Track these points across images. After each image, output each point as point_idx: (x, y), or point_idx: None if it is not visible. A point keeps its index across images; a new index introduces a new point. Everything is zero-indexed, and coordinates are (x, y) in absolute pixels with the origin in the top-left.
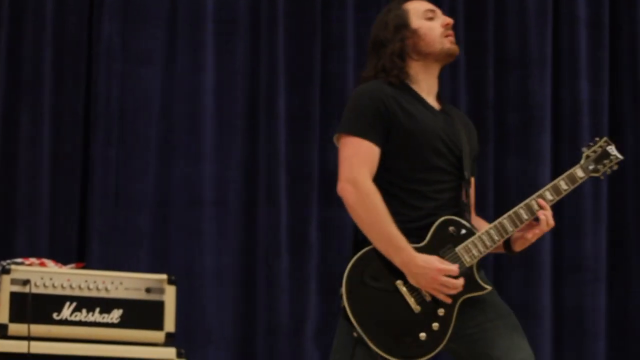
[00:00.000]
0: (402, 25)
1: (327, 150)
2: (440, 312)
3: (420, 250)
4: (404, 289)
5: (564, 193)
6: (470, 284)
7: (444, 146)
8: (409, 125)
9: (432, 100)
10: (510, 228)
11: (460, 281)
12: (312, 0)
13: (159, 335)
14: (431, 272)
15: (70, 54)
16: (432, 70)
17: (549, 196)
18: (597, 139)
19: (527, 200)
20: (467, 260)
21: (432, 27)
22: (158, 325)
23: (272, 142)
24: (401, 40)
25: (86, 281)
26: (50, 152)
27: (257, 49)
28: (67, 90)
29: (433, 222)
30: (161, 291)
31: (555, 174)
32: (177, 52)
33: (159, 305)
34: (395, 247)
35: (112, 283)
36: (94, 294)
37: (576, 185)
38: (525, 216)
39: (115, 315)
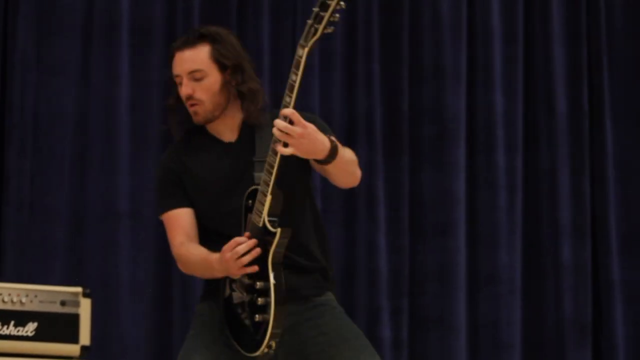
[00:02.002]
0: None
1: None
2: (259, 284)
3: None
4: (233, 288)
5: (298, 83)
6: (268, 238)
7: (226, 187)
8: (194, 182)
9: (229, 134)
10: (272, 159)
11: (242, 246)
12: (228, 11)
13: (74, 349)
14: (224, 262)
15: None
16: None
17: (287, 99)
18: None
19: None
20: (258, 220)
21: (180, 92)
22: (73, 338)
23: None
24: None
25: (0, 294)
26: None
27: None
28: None
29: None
30: (76, 304)
31: (470, 186)
32: (92, 63)
33: (74, 318)
34: (209, 267)
35: (27, 296)
36: (8, 307)
37: (304, 65)
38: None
39: (30, 328)
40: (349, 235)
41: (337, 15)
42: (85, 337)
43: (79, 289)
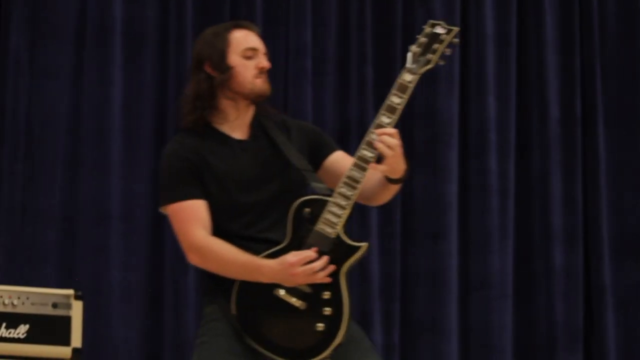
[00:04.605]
0: (220, 58)
1: None
2: (326, 295)
3: (284, 250)
4: (282, 293)
5: (400, 107)
6: (344, 251)
7: (247, 183)
8: (214, 176)
9: (240, 133)
10: (358, 175)
11: (320, 261)
12: (221, 15)
13: (65, 351)
14: (288, 269)
15: None
16: (242, 106)
17: (385, 120)
18: (423, 27)
19: (366, 136)
20: (330, 231)
21: (247, 65)
22: (65, 340)
23: None
24: (209, 78)
25: None
26: None
27: (165, 64)
28: None
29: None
30: (68, 306)
31: (462, 190)
32: (85, 67)
33: (66, 321)
34: (255, 270)
35: (19, 298)
36: (0, 309)
37: (410, 91)
38: (369, 154)
39: (22, 330)
40: None
41: (450, 50)
42: (76, 340)
43: (70, 292)
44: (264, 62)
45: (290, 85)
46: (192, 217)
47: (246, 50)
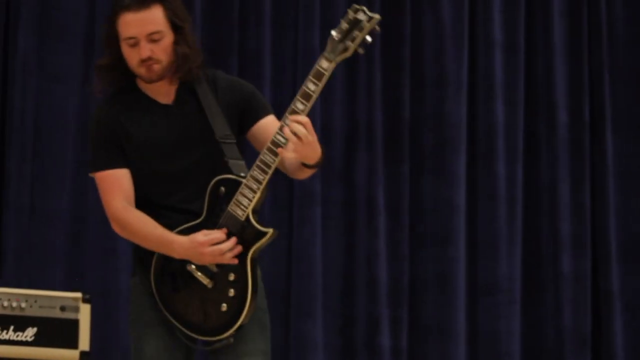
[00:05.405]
0: (113, 44)
1: None
2: (232, 276)
3: (201, 225)
4: (192, 268)
5: (316, 94)
6: (253, 234)
7: (166, 150)
8: (132, 144)
9: (165, 97)
10: (270, 160)
11: (228, 243)
12: (230, 18)
13: (73, 354)
14: (197, 248)
15: None
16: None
17: (300, 106)
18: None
19: (281, 121)
20: (240, 213)
21: (130, 55)
22: (73, 343)
23: None
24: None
25: (0, 299)
26: None
27: None
28: None
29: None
30: (76, 309)
31: (470, 195)
32: (93, 68)
33: (74, 324)
34: (167, 245)
35: (27, 301)
36: (8, 311)
37: (326, 79)
38: (282, 139)
39: (30, 333)
40: (349, 243)
41: (370, 39)
42: (84, 343)
43: (78, 295)
44: (143, 52)
45: (298, 88)
46: (113, 187)
47: (127, 40)
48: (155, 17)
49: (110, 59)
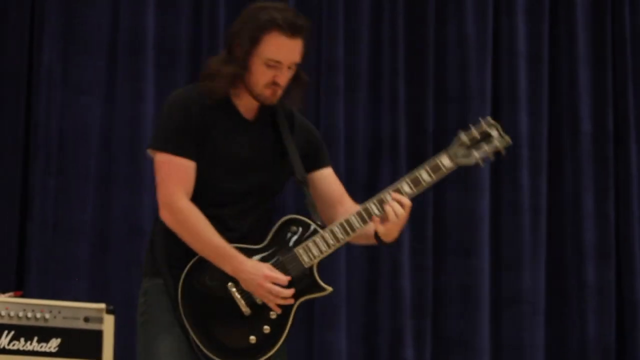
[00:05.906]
0: (244, 54)
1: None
2: (273, 315)
3: (257, 251)
4: (233, 290)
5: (426, 185)
6: (310, 284)
7: (236, 164)
8: (210, 146)
9: (249, 113)
10: (357, 224)
11: (288, 292)
12: None
13: None
14: (258, 278)
15: (10, 81)
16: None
17: (406, 189)
18: (480, 119)
19: (380, 193)
20: (306, 260)
21: (264, 74)
22: (96, 354)
23: None
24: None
25: (24, 310)
26: None
27: (198, 79)
28: (6, 119)
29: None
30: (100, 320)
31: (494, 207)
32: (118, 82)
33: (98, 335)
34: (223, 257)
35: (51, 312)
36: (32, 322)
37: (441, 176)
38: (376, 211)
39: (54, 344)
40: (372, 254)
41: (494, 157)
42: (108, 354)
43: (102, 306)
44: (281, 78)
45: (322, 101)
46: (178, 176)
47: (269, 60)
48: (301, 49)
49: (237, 68)
